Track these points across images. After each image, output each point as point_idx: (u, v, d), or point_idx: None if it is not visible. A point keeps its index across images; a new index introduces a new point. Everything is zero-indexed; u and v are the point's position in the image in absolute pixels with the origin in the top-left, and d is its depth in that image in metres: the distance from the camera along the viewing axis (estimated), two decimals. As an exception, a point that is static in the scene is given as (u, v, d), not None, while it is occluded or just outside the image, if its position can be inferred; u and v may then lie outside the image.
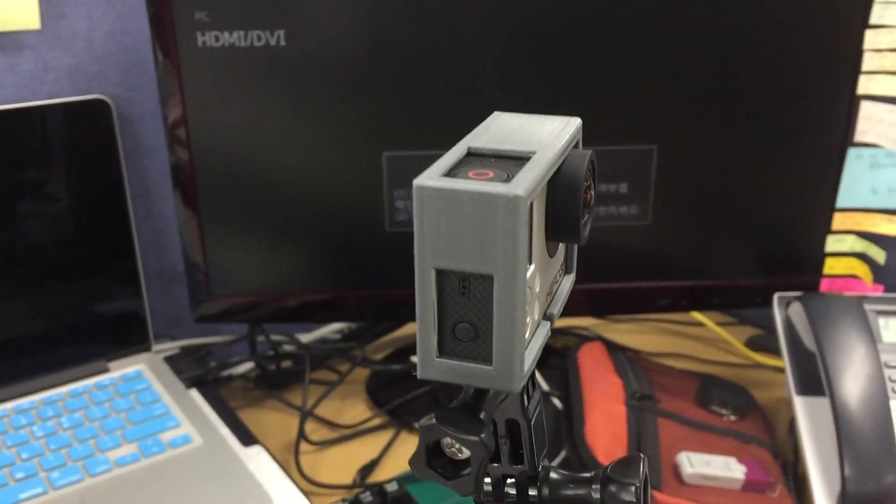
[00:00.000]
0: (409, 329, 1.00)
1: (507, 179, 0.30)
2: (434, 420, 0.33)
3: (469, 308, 0.31)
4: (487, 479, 0.37)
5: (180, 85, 0.74)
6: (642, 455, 0.36)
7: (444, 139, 0.77)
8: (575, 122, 0.36)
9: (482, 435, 0.33)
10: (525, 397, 0.36)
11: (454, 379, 0.32)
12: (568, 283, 0.39)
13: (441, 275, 0.31)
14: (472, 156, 0.33)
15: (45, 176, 0.78)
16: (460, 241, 0.30)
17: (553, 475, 0.37)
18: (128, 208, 0.81)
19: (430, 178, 0.30)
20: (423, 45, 0.74)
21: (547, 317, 0.35)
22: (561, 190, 0.33)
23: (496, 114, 0.37)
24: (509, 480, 0.37)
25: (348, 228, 0.81)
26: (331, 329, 0.96)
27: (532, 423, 0.36)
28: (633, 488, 0.35)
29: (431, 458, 0.33)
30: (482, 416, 0.34)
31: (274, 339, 0.90)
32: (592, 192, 0.34)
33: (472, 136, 0.34)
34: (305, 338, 0.93)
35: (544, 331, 0.34)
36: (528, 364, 0.32)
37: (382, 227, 0.81)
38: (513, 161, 0.32)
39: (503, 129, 0.35)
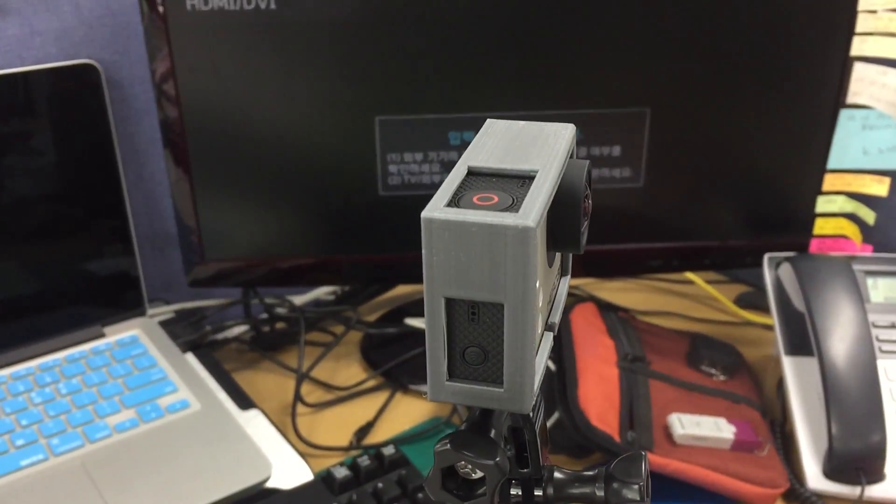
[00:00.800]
0: (401, 290, 1.00)
1: (513, 205, 0.31)
2: (449, 445, 0.33)
3: (479, 333, 0.32)
4: None
5: (169, 49, 0.73)
6: (644, 453, 0.37)
7: (437, 103, 0.78)
8: (570, 130, 0.36)
9: (497, 459, 0.33)
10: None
11: (465, 401, 0.32)
12: (564, 286, 0.39)
13: (451, 303, 0.31)
14: (473, 175, 0.33)
15: (35, 142, 0.77)
16: (469, 270, 0.30)
17: (557, 475, 0.38)
18: (119, 173, 0.80)
19: (437, 209, 0.30)
20: (415, 8, 0.73)
21: (549, 327, 0.35)
22: (561, 204, 0.33)
23: (489, 122, 0.37)
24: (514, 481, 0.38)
25: (341, 192, 0.81)
26: (324, 291, 0.96)
27: (536, 427, 0.36)
28: (636, 486, 0.36)
29: (446, 480, 0.34)
30: (493, 434, 0.34)
31: (268, 301, 0.90)
32: (590, 200, 0.35)
33: (470, 153, 0.34)
34: (299, 300, 0.94)
35: (548, 343, 0.34)
36: (537, 383, 0.33)
37: (375, 190, 0.81)
38: (515, 181, 0.33)
39: (499, 143, 0.35)
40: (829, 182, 0.83)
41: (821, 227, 0.85)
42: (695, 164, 0.84)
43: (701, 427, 0.71)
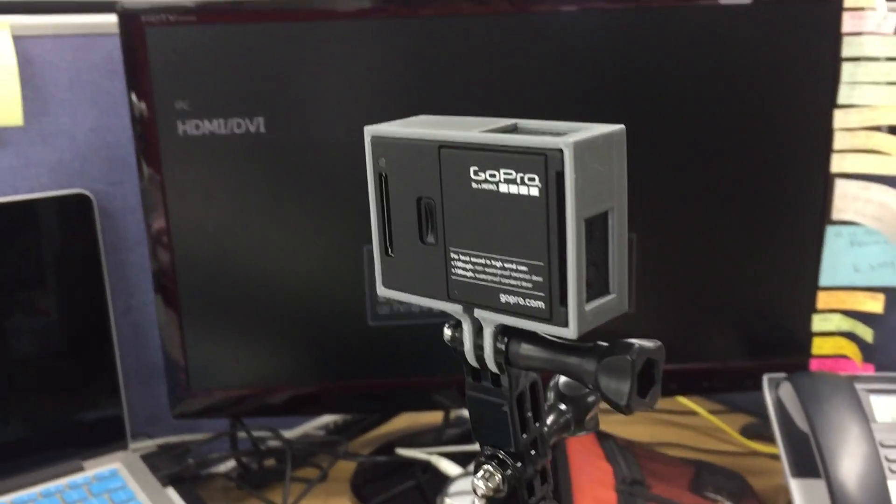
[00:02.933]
0: (394, 424, 0.97)
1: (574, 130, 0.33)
2: (647, 347, 0.35)
3: (593, 250, 0.33)
4: None
5: (161, 175, 0.74)
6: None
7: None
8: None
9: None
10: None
11: (595, 322, 0.34)
12: None
13: (586, 224, 0.33)
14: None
15: (25, 269, 0.77)
16: (598, 183, 0.32)
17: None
18: (107, 304, 0.80)
19: (562, 140, 0.31)
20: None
21: None
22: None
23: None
24: None
25: (330, 322, 0.81)
26: (315, 424, 0.94)
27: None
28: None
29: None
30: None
31: (256, 434, 0.88)
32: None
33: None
34: (289, 433, 0.91)
35: None
36: None
37: (364, 320, 0.80)
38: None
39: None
40: (823, 300, 0.82)
41: (819, 346, 0.84)
42: (685, 288, 0.83)
43: (707, 552, 0.67)
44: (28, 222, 0.77)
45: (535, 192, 0.32)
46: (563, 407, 0.42)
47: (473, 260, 0.35)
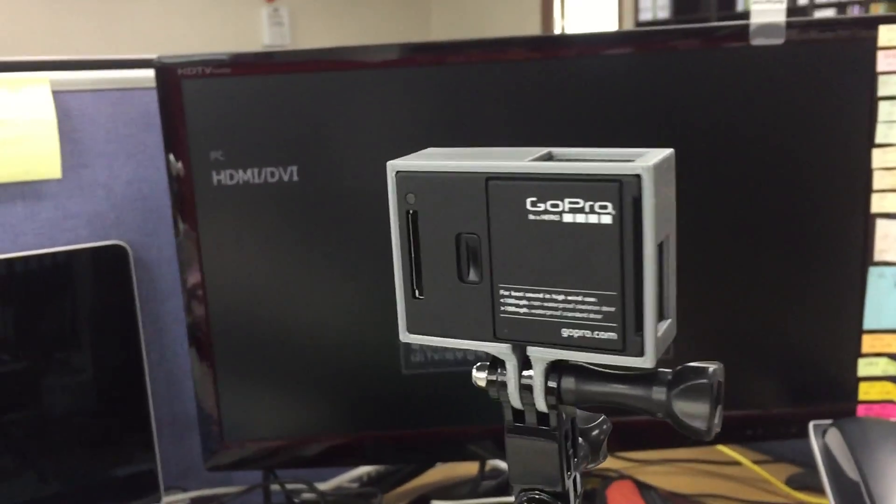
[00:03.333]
0: (430, 475, 0.96)
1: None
2: (716, 372, 0.36)
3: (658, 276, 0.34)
4: None
5: (196, 225, 0.75)
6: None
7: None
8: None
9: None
10: None
11: (662, 350, 0.35)
12: None
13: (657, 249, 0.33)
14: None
15: (62, 320, 0.77)
16: (664, 209, 0.33)
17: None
18: (142, 356, 0.80)
19: (633, 164, 0.31)
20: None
21: None
22: None
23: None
24: None
25: (363, 371, 0.80)
26: (350, 476, 0.92)
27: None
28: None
29: None
30: None
31: (290, 487, 0.86)
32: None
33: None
34: (323, 485, 0.89)
35: None
36: None
37: (399, 369, 0.79)
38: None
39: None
40: (869, 343, 0.80)
41: (866, 392, 0.81)
42: (725, 333, 0.82)
43: None
44: (65, 273, 0.78)
45: (607, 219, 0.31)
46: (580, 441, 0.41)
47: (529, 295, 0.33)
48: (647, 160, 0.31)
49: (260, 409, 0.81)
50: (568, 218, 0.32)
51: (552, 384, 0.36)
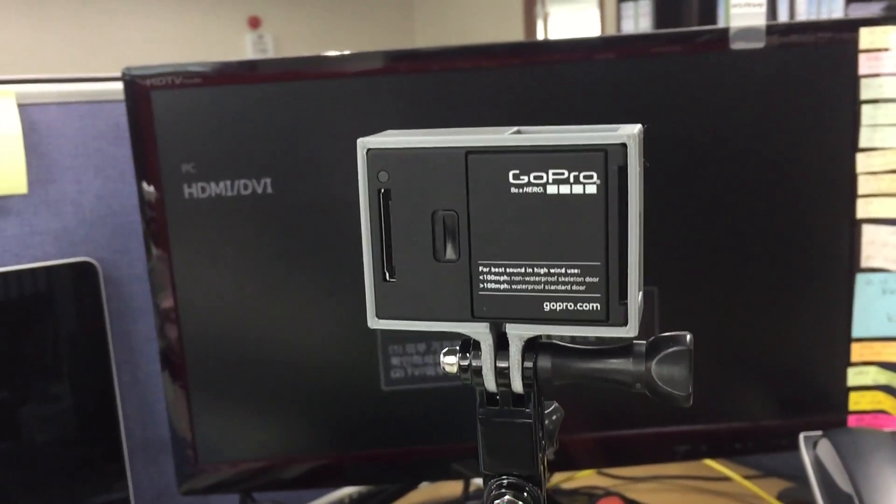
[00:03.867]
0: (413, 497, 0.93)
1: None
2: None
3: None
4: None
5: (167, 240, 0.73)
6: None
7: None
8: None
9: None
10: None
11: (639, 319, 0.35)
12: None
13: None
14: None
15: (28, 339, 0.75)
16: (640, 179, 0.34)
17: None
18: (113, 377, 0.78)
19: (616, 133, 0.31)
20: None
21: None
22: None
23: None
24: None
25: (342, 389, 0.78)
26: (330, 498, 0.90)
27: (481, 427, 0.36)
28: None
29: None
30: None
31: (267, 511, 0.84)
32: None
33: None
34: (302, 509, 0.87)
35: None
36: None
37: (378, 385, 0.77)
38: None
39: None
40: (858, 352, 0.79)
41: (856, 401, 0.79)
42: (712, 343, 0.80)
43: None
44: (32, 292, 0.75)
45: (592, 189, 0.31)
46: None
47: (510, 270, 0.33)
48: (629, 130, 0.30)
49: (236, 430, 0.78)
50: (552, 189, 0.31)
51: (529, 363, 0.35)
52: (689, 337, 0.35)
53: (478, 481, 0.88)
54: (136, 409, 0.84)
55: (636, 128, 0.32)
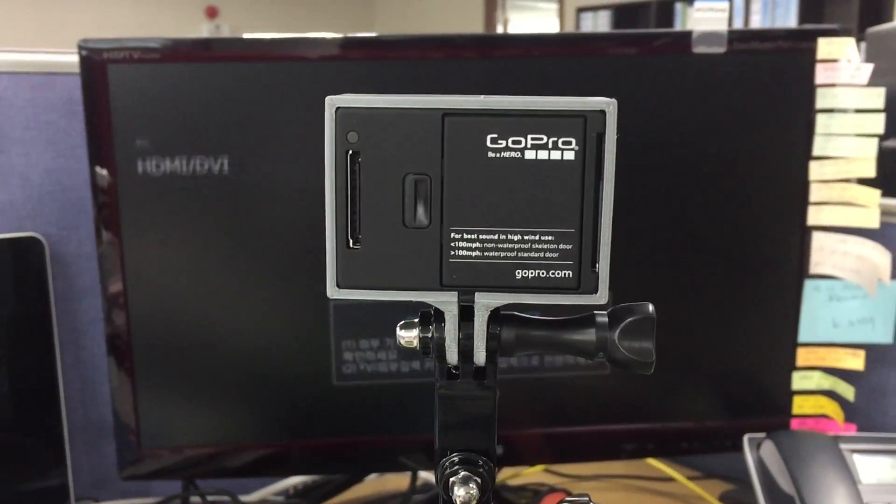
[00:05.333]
0: (359, 490, 0.92)
1: None
2: None
3: None
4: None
5: (118, 217, 0.71)
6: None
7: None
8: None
9: None
10: None
11: None
12: None
13: None
14: None
15: (-33, 316, 0.73)
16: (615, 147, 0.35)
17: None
18: (55, 357, 0.76)
19: (597, 100, 0.32)
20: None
21: None
22: None
23: None
24: None
25: (292, 380, 0.77)
26: (275, 488, 0.88)
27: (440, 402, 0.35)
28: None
29: None
30: None
31: (211, 499, 0.82)
32: None
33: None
34: (247, 498, 0.85)
35: None
36: None
37: (329, 379, 0.76)
38: None
39: None
40: (803, 357, 0.80)
41: (800, 405, 0.81)
42: (659, 346, 0.80)
43: None
44: (-27, 265, 0.73)
45: (570, 155, 0.31)
46: None
47: (483, 237, 0.32)
48: (606, 99, 0.31)
49: (181, 416, 0.77)
50: (530, 155, 0.31)
51: (494, 332, 0.35)
52: (650, 306, 0.34)
53: (424, 475, 0.88)
54: (79, 391, 0.82)
55: (611, 99, 0.32)
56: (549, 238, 0.32)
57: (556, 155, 0.31)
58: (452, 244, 0.32)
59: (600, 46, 0.75)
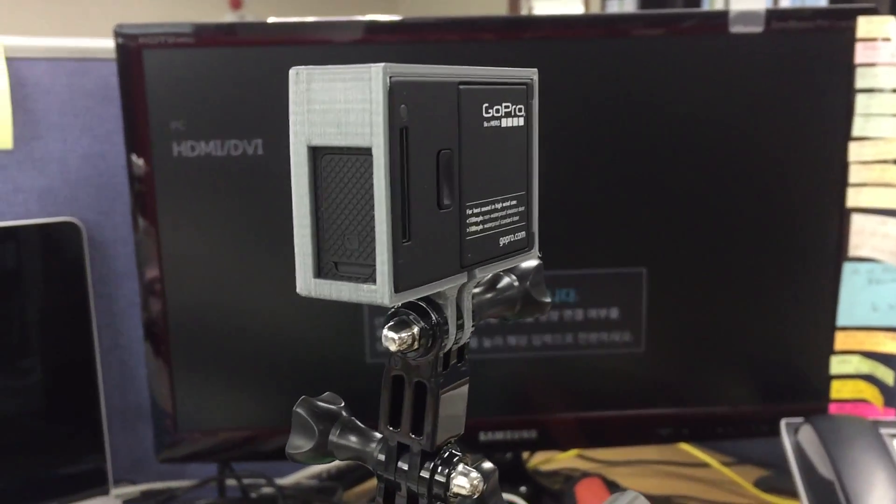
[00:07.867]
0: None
1: None
2: None
3: None
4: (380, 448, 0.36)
5: (154, 199, 0.71)
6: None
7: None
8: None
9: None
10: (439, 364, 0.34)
11: None
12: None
13: None
14: None
15: (6, 300, 0.73)
16: None
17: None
18: (93, 340, 0.76)
19: (525, 70, 0.34)
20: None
21: None
22: None
23: None
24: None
25: (326, 361, 0.77)
26: (311, 471, 0.89)
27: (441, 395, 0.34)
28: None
29: None
30: None
31: (246, 481, 0.83)
32: None
33: None
34: (282, 480, 0.86)
35: None
36: None
37: (363, 358, 0.76)
38: None
39: None
40: (841, 341, 0.79)
41: (838, 390, 0.80)
42: (698, 327, 0.80)
43: None
44: (13, 249, 0.74)
45: (520, 122, 0.33)
46: None
47: (483, 210, 0.32)
48: (531, 69, 0.34)
49: (217, 399, 0.77)
50: (506, 123, 0.32)
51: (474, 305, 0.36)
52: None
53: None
54: (116, 375, 0.83)
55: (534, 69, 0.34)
56: (514, 202, 0.33)
57: (516, 122, 0.33)
58: (468, 221, 0.31)
59: (634, 26, 0.74)
